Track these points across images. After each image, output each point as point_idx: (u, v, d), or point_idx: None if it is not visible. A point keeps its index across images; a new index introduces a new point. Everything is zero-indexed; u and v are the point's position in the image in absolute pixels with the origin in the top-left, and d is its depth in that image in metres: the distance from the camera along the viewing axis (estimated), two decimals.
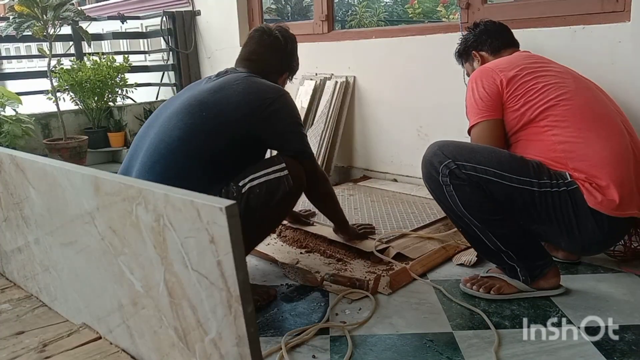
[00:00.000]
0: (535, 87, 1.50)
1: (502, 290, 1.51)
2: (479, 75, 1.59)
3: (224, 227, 0.48)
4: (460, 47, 1.89)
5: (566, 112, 1.45)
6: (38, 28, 3.20)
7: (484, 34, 1.81)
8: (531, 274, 1.49)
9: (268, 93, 1.46)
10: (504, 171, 1.39)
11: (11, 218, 0.88)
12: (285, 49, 1.62)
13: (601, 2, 2.00)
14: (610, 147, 1.42)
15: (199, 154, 1.37)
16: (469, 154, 1.43)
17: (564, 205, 1.38)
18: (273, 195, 1.39)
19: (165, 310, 0.60)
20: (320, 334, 1.36)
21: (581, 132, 1.43)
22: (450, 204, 1.44)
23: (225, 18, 3.62)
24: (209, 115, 1.39)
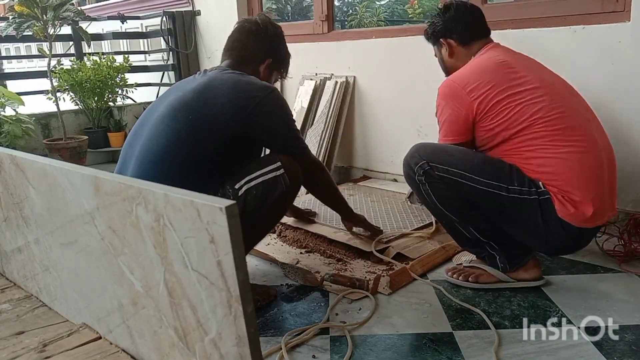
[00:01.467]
0: (509, 107, 1.45)
1: (480, 278, 1.58)
2: (448, 95, 1.54)
3: (224, 227, 0.48)
4: (428, 30, 1.76)
5: (540, 131, 1.43)
6: (38, 28, 3.21)
7: (453, 20, 1.67)
8: (510, 262, 1.55)
9: (256, 91, 1.41)
10: (475, 174, 1.45)
11: (11, 218, 0.88)
12: (266, 34, 1.56)
13: (601, 2, 2.00)
14: (585, 163, 1.41)
15: (189, 160, 1.34)
16: (443, 156, 1.49)
17: (533, 212, 1.42)
18: (270, 195, 1.38)
19: (165, 310, 0.60)
20: (320, 334, 1.36)
21: (556, 148, 1.42)
22: (427, 201, 1.54)
23: (225, 18, 3.62)
24: (196, 118, 1.35)
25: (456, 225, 1.54)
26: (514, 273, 1.56)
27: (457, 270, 1.63)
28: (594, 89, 1.99)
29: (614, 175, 1.50)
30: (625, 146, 1.95)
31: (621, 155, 1.96)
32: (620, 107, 1.95)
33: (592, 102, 1.97)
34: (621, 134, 1.96)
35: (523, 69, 1.52)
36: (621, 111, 1.95)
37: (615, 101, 1.96)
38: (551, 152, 1.42)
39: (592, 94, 1.98)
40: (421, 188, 1.52)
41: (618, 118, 1.96)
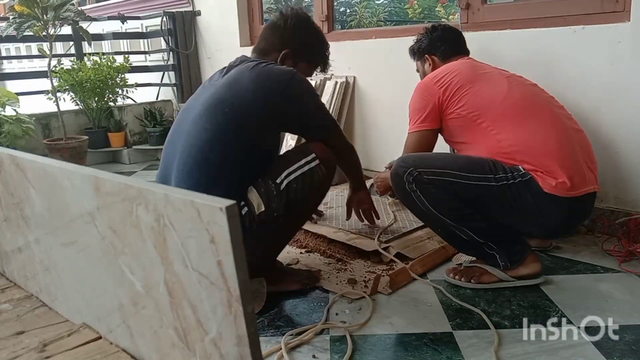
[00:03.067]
0: (471, 91, 1.61)
1: (482, 279, 1.58)
2: (421, 87, 1.74)
3: (224, 227, 0.48)
4: (415, 46, 2.01)
5: (504, 110, 1.56)
6: (38, 28, 3.21)
7: (439, 39, 1.92)
8: (510, 260, 1.56)
9: (279, 76, 1.44)
10: (462, 171, 1.49)
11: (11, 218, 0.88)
12: (285, 25, 1.58)
13: (601, 2, 2.00)
14: (550, 135, 1.52)
15: (230, 153, 1.38)
16: (428, 161, 1.55)
17: (523, 194, 1.47)
18: (310, 186, 1.45)
19: (165, 310, 0.60)
20: (320, 333, 1.36)
21: (521, 124, 1.53)
22: (421, 208, 1.55)
23: (225, 18, 3.62)
24: (231, 111, 1.39)
25: (452, 230, 1.54)
26: (515, 270, 1.56)
27: (457, 271, 1.63)
28: (594, 89, 1.99)
29: (589, 153, 1.59)
30: (625, 146, 1.95)
31: (621, 155, 1.96)
32: (620, 107, 1.95)
33: (592, 102, 1.97)
34: (620, 134, 1.96)
35: (486, 66, 1.75)
36: (621, 111, 1.95)
37: (615, 101, 1.96)
38: (517, 129, 1.52)
39: (592, 94, 1.98)
40: (413, 196, 1.53)
41: (618, 118, 1.96)
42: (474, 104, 1.59)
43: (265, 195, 1.39)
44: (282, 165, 1.44)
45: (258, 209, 1.38)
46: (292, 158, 1.47)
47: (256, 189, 1.40)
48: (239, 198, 1.38)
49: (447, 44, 1.91)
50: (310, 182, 1.45)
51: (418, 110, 1.70)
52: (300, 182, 1.43)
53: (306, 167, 1.44)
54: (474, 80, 1.64)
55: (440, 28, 1.96)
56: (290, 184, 1.42)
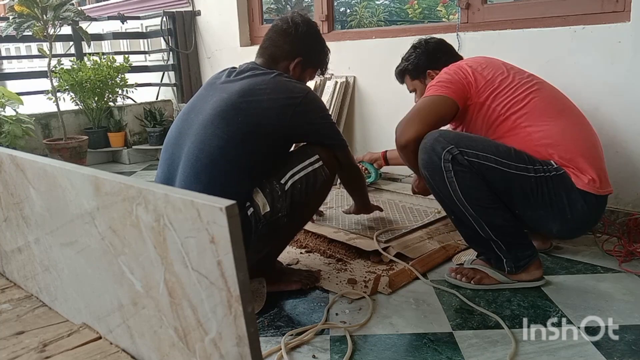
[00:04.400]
0: (504, 83, 1.56)
1: (482, 281, 1.58)
2: (453, 69, 1.63)
3: (224, 227, 0.48)
4: (408, 66, 1.86)
5: (535, 104, 1.53)
6: (38, 28, 3.21)
7: (437, 52, 1.83)
8: (517, 265, 1.54)
9: (295, 93, 1.46)
10: (504, 158, 1.45)
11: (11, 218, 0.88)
12: (296, 32, 1.58)
13: (601, 2, 2.00)
14: (580, 133, 1.53)
15: (240, 162, 1.40)
16: (469, 141, 1.47)
17: (557, 189, 1.45)
18: (313, 187, 1.48)
19: (165, 310, 0.60)
20: (320, 333, 1.36)
21: (552, 120, 1.51)
22: (449, 190, 1.47)
23: (225, 18, 3.62)
24: (245, 121, 1.40)
25: (469, 220, 1.49)
26: (516, 275, 1.55)
27: (459, 272, 1.62)
28: (594, 89, 1.99)
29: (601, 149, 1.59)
30: (624, 146, 1.95)
31: (621, 155, 1.96)
32: (619, 107, 1.95)
33: (592, 101, 1.97)
34: (621, 134, 1.96)
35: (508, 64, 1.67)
36: (621, 111, 1.95)
37: (614, 101, 1.96)
38: (548, 124, 1.50)
39: (592, 94, 1.98)
40: (445, 175, 1.45)
41: (618, 118, 1.96)
42: (505, 97, 1.54)
43: (270, 195, 1.41)
44: (287, 166, 1.46)
45: (263, 209, 1.40)
46: (296, 159, 1.48)
47: (261, 189, 1.42)
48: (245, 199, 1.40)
49: (445, 54, 1.83)
50: (314, 183, 1.47)
51: (445, 80, 1.59)
52: (304, 183, 1.45)
53: (310, 168, 1.47)
54: (505, 74, 1.59)
55: (424, 42, 1.87)
56: (295, 184, 1.44)
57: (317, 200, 1.58)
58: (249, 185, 1.42)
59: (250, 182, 1.42)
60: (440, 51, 1.84)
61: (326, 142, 1.53)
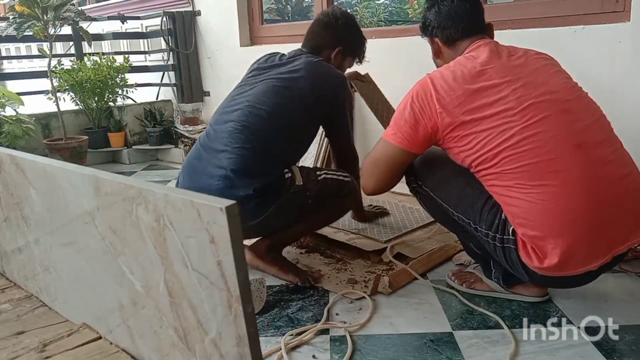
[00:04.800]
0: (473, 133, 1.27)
1: (473, 285, 1.56)
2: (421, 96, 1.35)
3: (224, 227, 0.48)
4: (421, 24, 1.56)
5: (506, 166, 1.23)
6: (38, 28, 3.21)
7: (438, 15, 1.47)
8: (505, 279, 1.48)
9: (332, 77, 1.69)
10: (449, 205, 1.42)
11: (11, 218, 0.88)
12: (337, 24, 1.78)
13: (601, 2, 2.00)
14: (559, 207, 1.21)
15: (281, 130, 1.59)
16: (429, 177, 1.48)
17: (499, 255, 1.33)
18: (341, 190, 1.67)
19: (165, 310, 0.60)
20: (320, 333, 1.36)
21: (523, 188, 1.22)
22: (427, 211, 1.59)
23: (225, 18, 3.62)
24: (291, 96, 1.62)
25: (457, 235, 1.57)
26: (512, 287, 1.49)
27: (457, 274, 1.61)
28: (594, 88, 1.98)
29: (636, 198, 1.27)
30: (625, 146, 1.95)
31: None
32: (619, 107, 1.94)
33: None
34: (620, 134, 1.95)
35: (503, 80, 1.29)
36: (621, 111, 1.95)
37: (614, 101, 1.95)
38: (519, 192, 1.23)
39: (592, 94, 1.98)
40: (417, 198, 1.56)
41: (617, 118, 1.95)
42: (473, 153, 1.28)
43: (306, 176, 1.62)
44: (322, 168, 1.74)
45: (297, 181, 1.59)
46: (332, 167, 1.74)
47: (299, 169, 1.63)
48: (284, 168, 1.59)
49: (450, 22, 1.45)
50: (342, 188, 1.67)
51: (406, 119, 1.37)
52: (334, 183, 1.66)
53: (342, 177, 1.68)
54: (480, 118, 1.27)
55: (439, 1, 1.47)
56: (327, 179, 1.65)
57: (338, 206, 1.71)
58: (288, 155, 1.64)
59: (290, 152, 1.65)
60: (448, 17, 1.45)
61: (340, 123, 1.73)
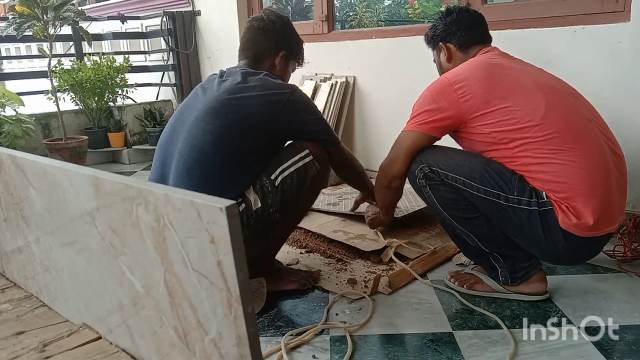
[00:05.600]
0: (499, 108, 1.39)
1: (475, 287, 1.55)
2: (439, 90, 1.48)
3: (224, 227, 0.48)
4: (429, 32, 1.73)
5: (535, 134, 1.36)
6: (38, 28, 3.21)
7: (454, 24, 1.64)
8: (512, 277, 1.48)
9: (281, 89, 1.49)
10: (474, 181, 1.40)
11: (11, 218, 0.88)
12: (274, 28, 1.61)
13: (601, 2, 2.00)
14: (588, 166, 1.34)
15: (231, 157, 1.42)
16: (443, 160, 1.45)
17: (533, 223, 1.35)
18: (304, 182, 1.48)
19: (165, 310, 0.60)
20: (320, 334, 1.36)
21: (554, 152, 1.35)
22: (431, 204, 1.51)
23: (225, 18, 3.62)
24: (235, 117, 1.43)
25: (459, 232, 1.49)
26: (515, 287, 1.50)
27: (455, 275, 1.61)
28: (594, 89, 1.99)
29: (624, 178, 1.44)
30: (624, 146, 1.94)
31: None
32: (619, 107, 1.95)
33: (592, 102, 1.96)
34: (620, 134, 1.94)
35: (518, 72, 1.47)
36: (621, 111, 1.95)
37: (614, 101, 1.96)
38: (548, 157, 1.35)
39: (592, 94, 1.97)
40: (423, 191, 1.49)
41: (617, 118, 1.96)
42: (502, 125, 1.39)
43: (260, 191, 1.42)
44: (276, 161, 1.46)
45: (254, 205, 1.41)
46: (286, 154, 1.48)
47: (252, 185, 1.43)
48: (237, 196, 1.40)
49: (464, 29, 1.62)
50: (305, 178, 1.47)
51: (427, 111, 1.47)
52: (294, 178, 1.46)
53: (300, 162, 1.47)
54: (505, 95, 1.40)
55: (456, 11, 1.67)
56: (285, 179, 1.44)
57: (309, 195, 1.58)
58: (241, 182, 1.43)
59: (242, 179, 1.43)
60: (459, 24, 1.63)
61: (317, 138, 1.54)
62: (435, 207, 1.49)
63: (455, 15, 1.66)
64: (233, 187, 1.41)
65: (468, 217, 1.45)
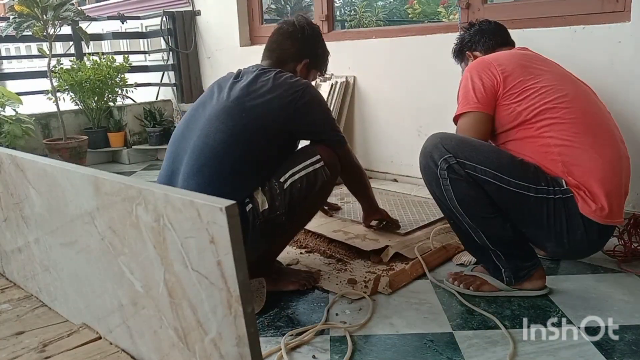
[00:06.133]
0: (534, 87, 1.47)
1: (481, 287, 1.54)
2: (477, 66, 1.56)
3: (224, 227, 0.48)
4: (456, 47, 1.87)
5: (564, 116, 1.43)
6: (38, 28, 3.21)
7: (478, 33, 1.78)
8: (516, 276, 1.50)
9: (295, 87, 1.49)
10: (503, 174, 1.39)
11: (11, 218, 0.88)
12: (303, 35, 1.63)
13: (601, 2, 2.00)
14: (604, 155, 1.41)
15: (243, 157, 1.42)
16: (470, 151, 1.41)
17: (558, 212, 1.38)
18: (313, 187, 1.48)
19: (165, 311, 0.60)
20: (320, 334, 1.36)
21: (577, 136, 1.41)
22: (445, 197, 1.44)
23: (225, 18, 3.62)
24: (249, 117, 1.44)
25: (466, 228, 1.46)
26: (518, 284, 1.51)
27: (457, 277, 1.59)
28: (594, 89, 1.98)
29: (627, 183, 1.48)
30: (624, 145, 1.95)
31: None
32: (619, 107, 1.95)
33: None
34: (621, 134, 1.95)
35: (550, 63, 1.59)
36: (621, 111, 1.95)
37: (615, 101, 1.95)
38: (572, 140, 1.41)
39: None
40: (441, 182, 1.42)
41: (617, 118, 1.95)
42: (534, 103, 1.45)
43: (269, 193, 1.42)
44: (287, 164, 1.47)
45: (262, 206, 1.40)
46: (297, 158, 1.49)
47: (260, 186, 1.43)
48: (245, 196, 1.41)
49: (487, 36, 1.76)
50: (314, 183, 1.47)
51: (474, 88, 1.51)
52: (304, 182, 1.45)
53: (310, 168, 1.47)
54: (539, 78, 1.48)
55: (478, 23, 1.81)
56: (294, 183, 1.44)
57: (316, 201, 1.58)
58: (251, 182, 1.42)
59: (253, 179, 1.43)
60: (482, 32, 1.79)
61: (325, 137, 1.55)
62: (450, 201, 1.44)
63: (477, 26, 1.80)
64: (243, 187, 1.41)
65: (483, 216, 1.43)
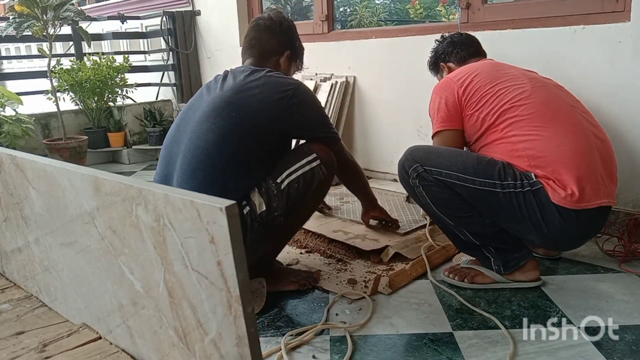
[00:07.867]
0: (491, 92, 1.55)
1: (475, 279, 1.59)
2: (441, 85, 1.67)
3: (224, 227, 0.48)
4: (431, 59, 1.95)
5: (522, 112, 1.50)
6: (38, 28, 3.21)
7: (450, 45, 1.88)
8: (505, 265, 1.55)
9: (287, 86, 1.49)
10: (468, 174, 1.47)
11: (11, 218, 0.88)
12: (281, 28, 1.63)
13: (601, 2, 2.00)
14: (570, 141, 1.45)
15: (235, 157, 1.41)
16: (436, 158, 1.52)
17: (529, 204, 1.43)
18: (310, 186, 1.47)
19: (165, 311, 0.60)
20: (320, 334, 1.36)
21: (539, 129, 1.47)
22: (422, 203, 1.56)
23: (225, 18, 3.62)
24: (239, 116, 1.42)
25: (451, 228, 1.56)
26: (510, 275, 1.56)
27: (453, 270, 1.63)
28: (594, 89, 1.99)
29: (610, 165, 1.51)
30: (624, 146, 1.95)
31: (620, 155, 1.96)
32: (619, 107, 1.95)
33: (592, 102, 1.97)
34: (621, 134, 1.96)
35: (508, 67, 1.67)
36: (621, 111, 1.95)
37: (615, 101, 1.96)
38: (535, 132, 1.46)
39: (592, 94, 1.98)
40: (415, 191, 1.54)
41: (618, 118, 1.96)
42: (493, 107, 1.53)
43: (266, 194, 1.40)
44: (283, 164, 1.45)
45: (259, 208, 1.39)
46: (293, 158, 1.48)
47: (257, 188, 1.42)
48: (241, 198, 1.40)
49: (459, 47, 1.86)
50: (311, 182, 1.46)
51: (439, 109, 1.63)
52: (301, 182, 1.44)
53: (307, 167, 1.46)
54: (496, 82, 1.57)
55: (450, 35, 1.93)
56: (291, 183, 1.43)
57: (314, 200, 1.57)
58: (246, 183, 1.41)
59: (248, 180, 1.41)
60: (454, 44, 1.88)
61: (319, 135, 1.55)
62: (428, 206, 1.55)
63: (450, 39, 1.91)
64: (237, 188, 1.39)
65: (460, 215, 1.51)
